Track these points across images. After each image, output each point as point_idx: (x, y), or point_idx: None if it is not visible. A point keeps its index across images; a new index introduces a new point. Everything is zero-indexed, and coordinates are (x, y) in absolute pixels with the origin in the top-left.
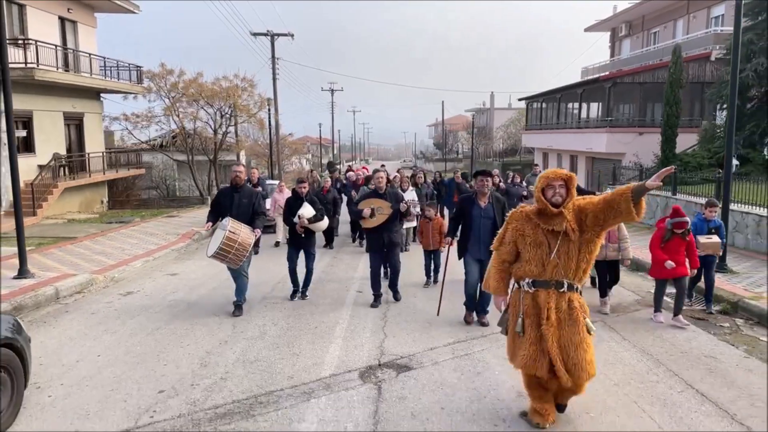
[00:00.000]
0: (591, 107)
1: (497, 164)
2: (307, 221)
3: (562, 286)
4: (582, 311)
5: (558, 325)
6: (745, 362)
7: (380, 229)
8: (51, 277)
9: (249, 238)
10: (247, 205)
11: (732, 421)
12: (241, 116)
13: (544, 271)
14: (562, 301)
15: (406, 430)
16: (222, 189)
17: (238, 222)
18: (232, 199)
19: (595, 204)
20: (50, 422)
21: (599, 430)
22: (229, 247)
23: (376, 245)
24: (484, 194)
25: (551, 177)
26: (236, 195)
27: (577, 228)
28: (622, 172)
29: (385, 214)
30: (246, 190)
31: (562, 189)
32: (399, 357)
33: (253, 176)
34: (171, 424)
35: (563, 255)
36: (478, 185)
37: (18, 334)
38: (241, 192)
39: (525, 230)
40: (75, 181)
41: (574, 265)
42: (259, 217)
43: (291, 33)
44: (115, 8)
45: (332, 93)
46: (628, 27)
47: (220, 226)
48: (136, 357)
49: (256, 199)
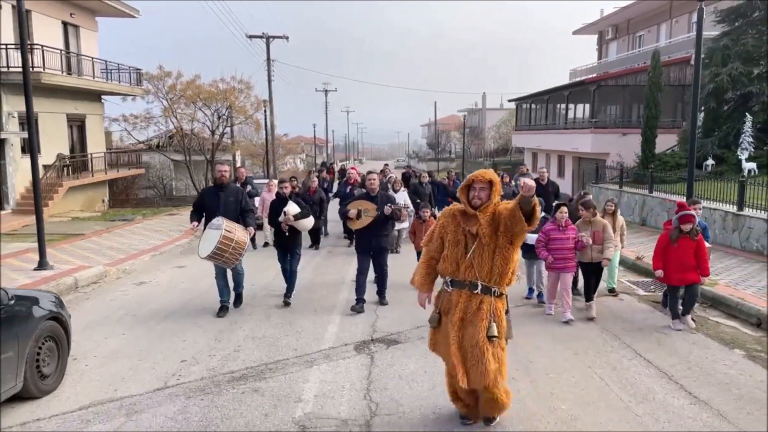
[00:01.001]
0: (577, 109)
1: (488, 164)
2: (293, 218)
3: (476, 288)
4: (491, 314)
5: (460, 325)
6: (692, 336)
7: (368, 232)
8: (69, 269)
9: (244, 237)
10: (234, 203)
11: (669, 380)
12: (237, 117)
13: (458, 270)
14: (473, 302)
15: (394, 388)
16: (205, 188)
17: (232, 222)
18: (218, 198)
19: (506, 210)
20: (92, 386)
21: (558, 386)
22: (226, 247)
23: (365, 248)
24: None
25: (475, 179)
26: (222, 194)
27: (491, 232)
28: (605, 171)
29: (371, 216)
30: (231, 189)
31: (483, 192)
32: (389, 334)
33: (240, 175)
34: (195, 385)
35: (477, 257)
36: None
37: (62, 309)
38: (227, 191)
39: (448, 228)
40: (79, 180)
41: (487, 267)
42: (249, 214)
43: (286, 35)
44: (115, 12)
45: (326, 93)
46: (614, 30)
47: (212, 226)
48: (157, 335)
49: (243, 197)
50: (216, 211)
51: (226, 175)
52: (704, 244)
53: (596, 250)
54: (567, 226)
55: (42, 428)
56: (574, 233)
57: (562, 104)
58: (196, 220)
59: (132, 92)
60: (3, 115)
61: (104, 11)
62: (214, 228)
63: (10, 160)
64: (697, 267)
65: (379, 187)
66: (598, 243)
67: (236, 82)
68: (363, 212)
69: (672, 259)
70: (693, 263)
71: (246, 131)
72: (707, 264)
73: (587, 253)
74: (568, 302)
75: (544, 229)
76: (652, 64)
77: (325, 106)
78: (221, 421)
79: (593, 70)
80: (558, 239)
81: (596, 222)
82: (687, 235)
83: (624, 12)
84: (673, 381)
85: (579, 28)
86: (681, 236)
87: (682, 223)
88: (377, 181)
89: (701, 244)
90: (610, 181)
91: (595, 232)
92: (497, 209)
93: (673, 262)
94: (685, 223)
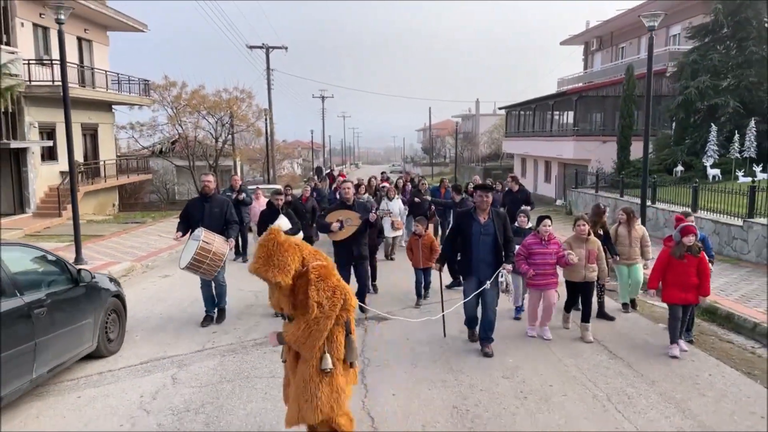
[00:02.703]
0: (562, 117)
1: (480, 169)
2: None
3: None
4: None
5: (294, 363)
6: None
7: (348, 241)
8: (101, 264)
9: (222, 248)
10: (219, 214)
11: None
12: (240, 125)
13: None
14: None
15: (383, 351)
16: (191, 200)
17: (211, 232)
18: (203, 209)
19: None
20: (146, 349)
21: (523, 370)
22: (203, 257)
23: (344, 259)
24: (484, 210)
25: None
26: (207, 205)
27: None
28: (585, 177)
29: (355, 225)
30: (217, 200)
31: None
32: (380, 312)
33: (234, 183)
34: (227, 348)
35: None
36: (477, 201)
37: (120, 288)
38: (212, 202)
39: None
40: (93, 185)
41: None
42: (232, 226)
43: (285, 46)
44: (125, 27)
45: (323, 100)
46: (598, 42)
47: (193, 236)
48: (187, 315)
49: (228, 209)
50: (200, 221)
51: (210, 186)
52: (706, 261)
53: (590, 269)
54: (550, 240)
55: (116, 375)
56: (557, 248)
57: (548, 112)
58: (180, 231)
59: (141, 102)
60: (25, 125)
61: (115, 26)
62: (194, 239)
63: (31, 167)
64: (698, 286)
65: (370, 195)
66: (592, 262)
67: (238, 91)
68: (345, 222)
69: (673, 278)
70: (695, 282)
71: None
72: (708, 283)
73: (579, 272)
74: (549, 320)
75: (525, 242)
76: (626, 78)
77: (322, 112)
78: (251, 370)
79: (579, 80)
80: (539, 253)
81: (591, 241)
82: (689, 251)
83: (607, 25)
84: (626, 364)
85: (566, 39)
86: (685, 252)
87: (684, 236)
88: (352, 189)
89: (704, 260)
90: (588, 186)
91: (590, 250)
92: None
93: (674, 281)
94: (687, 235)
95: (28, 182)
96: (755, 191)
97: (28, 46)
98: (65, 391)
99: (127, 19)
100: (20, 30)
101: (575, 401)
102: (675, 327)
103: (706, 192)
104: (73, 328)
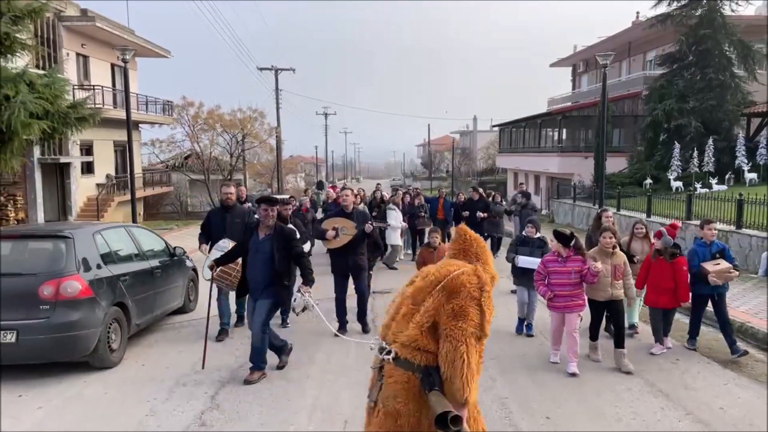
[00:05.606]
0: (549, 134)
1: (475, 182)
2: None
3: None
4: None
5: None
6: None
7: (345, 251)
8: None
9: None
10: (240, 224)
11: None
12: (252, 142)
13: None
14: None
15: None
16: (212, 210)
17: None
18: (224, 219)
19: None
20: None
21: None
22: (230, 269)
23: (341, 269)
24: (267, 225)
25: None
26: (228, 215)
27: None
28: (567, 189)
29: (349, 234)
30: (237, 210)
31: None
32: (382, 289)
33: (241, 194)
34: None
35: None
36: (260, 213)
37: (194, 263)
38: (233, 212)
39: None
40: (125, 196)
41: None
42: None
43: (293, 68)
44: (152, 54)
45: (326, 117)
46: (585, 64)
47: (218, 247)
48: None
49: (249, 218)
50: (222, 233)
51: (231, 197)
52: (682, 268)
53: (617, 286)
54: (568, 258)
55: (193, 324)
56: (577, 265)
57: (536, 130)
58: (203, 242)
59: (164, 121)
60: (69, 142)
61: (143, 53)
62: (220, 250)
63: (74, 180)
64: (674, 291)
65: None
66: (618, 278)
67: (251, 111)
68: (341, 230)
69: (650, 280)
70: (670, 285)
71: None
72: (684, 288)
73: (605, 290)
74: (575, 350)
75: (543, 260)
76: (601, 101)
77: (325, 128)
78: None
79: (567, 99)
80: (556, 272)
81: (617, 255)
82: (659, 253)
83: (591, 50)
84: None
85: (555, 61)
86: (658, 255)
87: (656, 237)
88: (351, 197)
89: (678, 267)
90: (568, 197)
91: (616, 266)
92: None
93: (651, 283)
94: (657, 238)
95: (71, 193)
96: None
97: (72, 72)
98: (167, 329)
99: (153, 46)
100: (66, 59)
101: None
102: (654, 328)
103: (660, 201)
104: (173, 287)
